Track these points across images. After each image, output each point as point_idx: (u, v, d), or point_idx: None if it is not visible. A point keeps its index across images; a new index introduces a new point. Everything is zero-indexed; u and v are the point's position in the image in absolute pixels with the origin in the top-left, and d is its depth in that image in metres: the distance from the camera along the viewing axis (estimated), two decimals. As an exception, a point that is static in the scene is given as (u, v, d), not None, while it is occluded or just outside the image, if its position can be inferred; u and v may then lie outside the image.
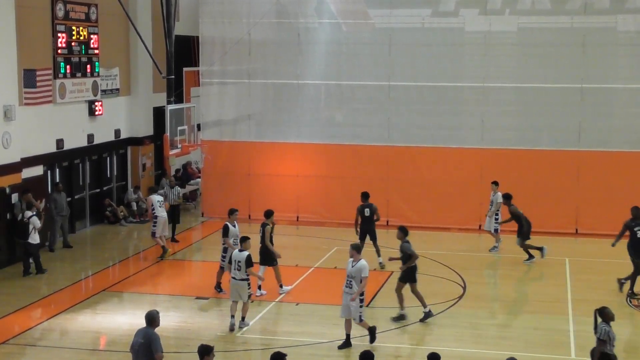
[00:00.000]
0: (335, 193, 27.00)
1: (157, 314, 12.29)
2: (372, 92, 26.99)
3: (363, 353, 11.19)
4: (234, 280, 16.62)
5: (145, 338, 12.01)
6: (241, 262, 16.48)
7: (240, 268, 16.51)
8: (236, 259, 16.61)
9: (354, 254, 15.56)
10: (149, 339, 11.99)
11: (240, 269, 16.51)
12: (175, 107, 26.82)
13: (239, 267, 16.51)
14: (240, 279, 16.54)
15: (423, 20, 26.84)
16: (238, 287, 16.60)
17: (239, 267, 16.51)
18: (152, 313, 12.29)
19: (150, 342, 11.94)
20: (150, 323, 12.19)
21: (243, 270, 16.50)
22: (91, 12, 25.40)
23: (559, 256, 22.86)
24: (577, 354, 15.58)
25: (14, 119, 21.52)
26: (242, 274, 16.52)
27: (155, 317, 12.23)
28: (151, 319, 12.21)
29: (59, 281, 20.26)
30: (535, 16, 26.10)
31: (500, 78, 25.98)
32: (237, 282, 16.59)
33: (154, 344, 11.94)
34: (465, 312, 18.01)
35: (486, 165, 25.59)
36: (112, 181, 27.64)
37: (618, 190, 25.26)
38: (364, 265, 15.40)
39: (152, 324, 12.18)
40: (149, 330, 12.12)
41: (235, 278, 16.61)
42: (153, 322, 12.19)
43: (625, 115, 25.75)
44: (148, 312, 12.33)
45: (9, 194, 21.57)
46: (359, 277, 15.33)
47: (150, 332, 12.09)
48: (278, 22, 27.56)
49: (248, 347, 15.63)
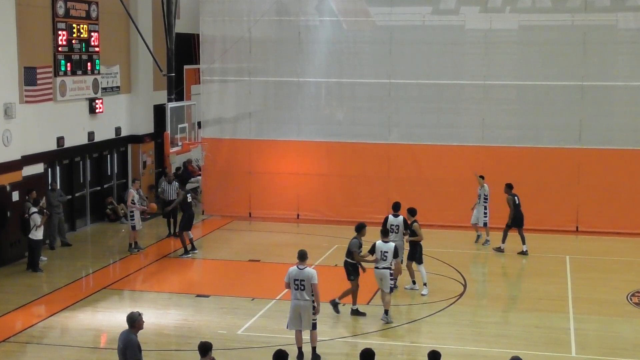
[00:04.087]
0: (336, 191, 27.01)
1: (139, 316, 11.74)
2: (373, 90, 26.99)
3: (364, 351, 11.18)
4: (377, 270, 16.89)
5: (124, 343, 11.61)
6: (388, 252, 16.85)
7: (386, 258, 16.86)
8: (382, 249, 16.90)
9: (299, 262, 14.83)
10: (125, 345, 11.59)
11: (386, 258, 16.85)
12: (175, 105, 26.84)
13: (384, 257, 16.82)
14: (384, 267, 16.85)
15: (424, 18, 26.84)
16: (382, 276, 16.89)
17: (384, 257, 16.84)
18: (133, 315, 11.74)
19: (126, 348, 11.56)
20: (131, 325, 11.71)
21: (388, 260, 16.89)
22: (92, 9, 25.40)
23: (559, 254, 22.88)
24: (577, 352, 15.57)
25: (15, 116, 21.52)
26: (387, 263, 16.89)
27: (136, 319, 11.69)
28: (131, 321, 11.69)
29: (59, 279, 20.26)
30: (535, 14, 26.09)
31: (501, 76, 26.00)
32: (380, 271, 16.88)
33: (129, 352, 11.52)
34: (466, 310, 18.01)
35: (487, 163, 25.58)
36: (112, 179, 27.64)
37: (619, 188, 25.31)
38: (312, 272, 14.74)
39: (133, 326, 11.69)
40: (128, 335, 11.65)
41: (378, 267, 16.88)
42: (133, 325, 11.69)
43: (625, 113, 25.75)
44: (129, 314, 11.83)
45: (10, 191, 21.57)
46: (309, 283, 14.65)
47: (129, 338, 11.62)
48: (279, 20, 27.56)
49: (249, 345, 15.63)
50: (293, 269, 14.80)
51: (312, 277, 14.60)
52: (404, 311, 17.86)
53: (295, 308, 14.77)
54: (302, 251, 14.96)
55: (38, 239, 20.80)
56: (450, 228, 25.50)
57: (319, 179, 27.25)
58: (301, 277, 14.63)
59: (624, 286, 19.63)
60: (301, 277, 14.63)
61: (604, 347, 15.90)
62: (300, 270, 14.70)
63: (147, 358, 15.15)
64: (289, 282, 14.80)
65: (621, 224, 25.21)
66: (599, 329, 16.92)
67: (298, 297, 14.70)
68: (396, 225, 18.94)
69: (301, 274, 14.66)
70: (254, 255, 22.67)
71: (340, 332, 16.38)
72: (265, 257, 22.51)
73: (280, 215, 27.26)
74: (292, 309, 14.82)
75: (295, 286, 14.69)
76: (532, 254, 22.84)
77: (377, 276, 16.98)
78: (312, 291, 14.62)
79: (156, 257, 22.55)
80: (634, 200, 25.37)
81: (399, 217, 19.11)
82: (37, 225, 20.65)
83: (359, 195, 26.45)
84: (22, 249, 21.85)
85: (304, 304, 14.68)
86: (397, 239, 18.55)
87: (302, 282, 14.60)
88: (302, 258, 14.82)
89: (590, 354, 15.43)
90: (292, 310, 14.84)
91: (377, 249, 16.99)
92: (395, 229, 18.87)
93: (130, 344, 11.59)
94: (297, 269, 14.74)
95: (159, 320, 17.08)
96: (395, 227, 18.91)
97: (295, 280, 14.68)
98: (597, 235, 24.98)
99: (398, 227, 18.94)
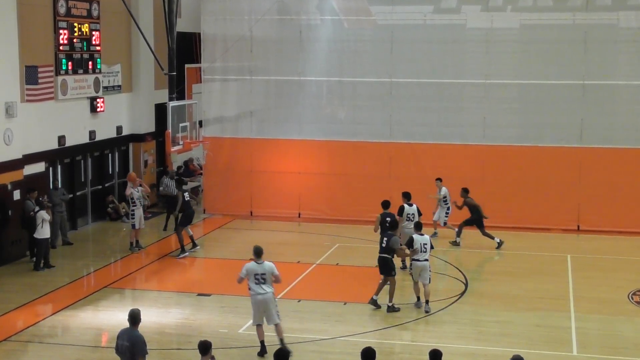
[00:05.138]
0: (337, 190, 27.01)
1: (139, 312, 11.97)
2: (374, 89, 26.98)
3: (365, 350, 11.17)
4: (419, 262, 17.77)
5: (130, 341, 11.73)
6: (427, 244, 17.75)
7: (426, 250, 17.72)
8: (421, 242, 17.71)
9: (256, 258, 15.13)
10: (133, 341, 11.71)
11: (426, 250, 17.72)
12: (177, 104, 26.83)
13: (424, 249, 17.71)
14: (425, 259, 17.73)
15: (425, 17, 26.84)
16: (423, 268, 17.78)
17: (424, 249, 17.72)
18: (135, 312, 11.92)
19: (133, 345, 11.68)
20: (134, 322, 11.86)
21: (428, 252, 17.81)
22: (93, 8, 25.40)
23: (560, 253, 22.88)
24: (578, 350, 15.57)
25: (16, 115, 21.53)
26: (427, 255, 17.81)
27: (137, 315, 11.90)
28: (135, 318, 11.86)
29: (60, 278, 20.27)
30: (536, 13, 26.08)
31: (502, 75, 25.99)
32: (422, 263, 17.77)
33: (137, 347, 11.67)
34: (467, 309, 18.01)
35: (488, 162, 25.60)
36: (113, 178, 27.65)
37: (620, 187, 25.31)
38: (272, 264, 15.08)
39: (136, 323, 11.86)
40: (133, 332, 11.81)
41: (420, 260, 17.74)
42: (137, 322, 11.87)
43: (627, 112, 25.74)
44: (131, 311, 12.00)
45: (11, 190, 21.58)
46: (270, 275, 14.96)
47: (135, 334, 11.79)
48: (280, 19, 27.56)
49: (250, 344, 15.63)
50: (251, 264, 15.05)
51: (274, 268, 15.02)
52: (405, 310, 17.84)
53: (258, 303, 14.97)
54: (257, 247, 15.28)
55: (43, 238, 20.82)
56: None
57: (320, 177, 27.26)
58: (262, 271, 14.92)
59: (625, 285, 19.63)
60: (262, 270, 14.92)
61: (606, 345, 15.91)
62: (259, 264, 15.00)
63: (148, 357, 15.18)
64: (245, 278, 15.03)
65: (622, 223, 25.20)
66: (600, 328, 16.92)
67: (260, 291, 14.91)
68: (412, 213, 20.50)
69: (262, 268, 14.96)
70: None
71: (341, 331, 16.38)
72: (266, 256, 22.29)
73: (282, 214, 27.27)
74: (255, 304, 15.02)
75: (256, 280, 14.93)
76: (533, 253, 22.86)
77: (419, 268, 17.78)
78: (273, 281, 15.00)
79: (157, 256, 22.57)
80: (635, 199, 25.36)
81: (413, 206, 20.73)
82: (45, 220, 20.66)
83: (360, 194, 26.42)
84: (23, 248, 21.89)
85: (268, 296, 14.94)
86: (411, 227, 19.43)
87: (263, 276, 14.90)
88: (258, 254, 15.13)
89: (592, 353, 15.43)
90: (254, 306, 15.03)
91: (415, 242, 17.68)
92: (412, 217, 20.32)
93: (138, 341, 11.73)
94: (256, 264, 15.01)
95: (160, 319, 17.09)
96: (412, 215, 20.43)
97: (256, 274, 14.92)
98: (598, 234, 24.97)
99: (414, 215, 20.41)
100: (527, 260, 22.33)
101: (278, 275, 15.02)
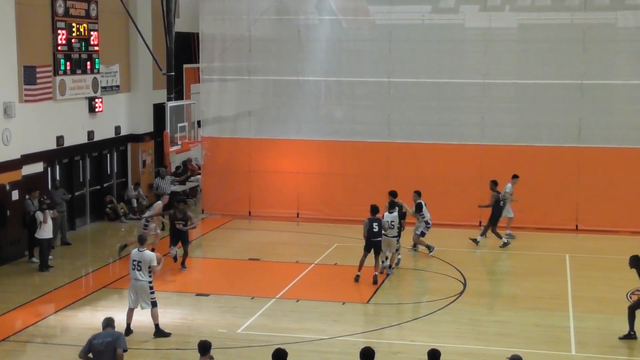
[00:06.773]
0: (336, 190, 27.02)
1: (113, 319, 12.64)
2: (372, 89, 26.99)
3: (363, 350, 11.18)
4: (387, 238, 19.95)
5: (112, 336, 12.17)
6: (394, 222, 20.03)
7: (393, 227, 20.11)
8: (390, 220, 20.02)
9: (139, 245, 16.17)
10: (115, 335, 12.20)
11: (393, 227, 20.10)
12: (175, 104, 26.84)
13: (392, 226, 20.05)
14: (392, 236, 20.15)
15: (423, 17, 26.85)
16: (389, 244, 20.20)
17: (392, 226, 20.04)
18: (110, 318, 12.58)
19: (117, 338, 12.13)
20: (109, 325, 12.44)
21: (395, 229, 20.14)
22: (91, 8, 25.39)
23: (559, 252, 22.89)
24: (577, 350, 15.59)
25: (14, 115, 21.52)
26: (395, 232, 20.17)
27: (112, 322, 12.54)
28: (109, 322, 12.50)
29: (59, 278, 20.26)
30: (535, 12, 26.09)
31: (501, 74, 25.98)
32: (389, 239, 20.03)
33: (120, 340, 12.16)
34: (466, 309, 18.00)
35: (486, 162, 25.60)
36: (112, 178, 27.65)
37: (618, 187, 25.32)
38: (152, 255, 15.96)
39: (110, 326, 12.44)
40: (111, 330, 12.35)
41: (388, 236, 19.99)
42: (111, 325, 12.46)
43: (625, 111, 25.76)
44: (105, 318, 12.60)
45: (9, 190, 21.58)
46: (147, 265, 15.84)
47: (114, 331, 12.35)
48: (278, 19, 27.56)
49: (248, 344, 15.63)
50: (135, 251, 16.10)
51: (152, 259, 15.88)
52: (404, 309, 17.86)
53: (132, 287, 16.03)
54: (141, 235, 16.66)
55: (44, 238, 20.81)
56: (450, 227, 25.43)
57: (318, 177, 27.26)
58: (139, 259, 15.89)
59: (623, 284, 19.59)
60: (139, 258, 15.90)
61: (604, 345, 15.91)
62: (140, 252, 15.98)
63: (147, 357, 15.23)
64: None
65: (621, 222, 25.22)
66: (598, 327, 16.92)
67: (136, 277, 15.92)
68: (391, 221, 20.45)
69: (140, 256, 15.92)
70: (254, 254, 22.67)
71: (340, 331, 16.38)
72: (265, 255, 22.52)
73: (280, 214, 27.26)
74: (130, 288, 16.11)
75: (133, 266, 15.94)
76: (532, 253, 22.87)
77: (386, 242, 19.90)
78: (150, 272, 15.88)
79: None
80: (633, 198, 25.37)
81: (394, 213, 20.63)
82: (48, 218, 20.65)
83: (359, 194, 26.37)
84: (22, 248, 21.87)
85: (141, 283, 15.91)
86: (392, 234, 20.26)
87: (140, 263, 15.86)
88: (141, 242, 16.23)
89: (590, 352, 15.44)
90: (130, 289, 16.11)
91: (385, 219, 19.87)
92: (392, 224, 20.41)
93: (119, 334, 12.34)
94: (138, 252, 16.01)
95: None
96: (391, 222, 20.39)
97: (133, 261, 15.95)
98: (596, 233, 24.97)
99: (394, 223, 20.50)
100: (525, 259, 22.35)
101: (154, 267, 15.91)
